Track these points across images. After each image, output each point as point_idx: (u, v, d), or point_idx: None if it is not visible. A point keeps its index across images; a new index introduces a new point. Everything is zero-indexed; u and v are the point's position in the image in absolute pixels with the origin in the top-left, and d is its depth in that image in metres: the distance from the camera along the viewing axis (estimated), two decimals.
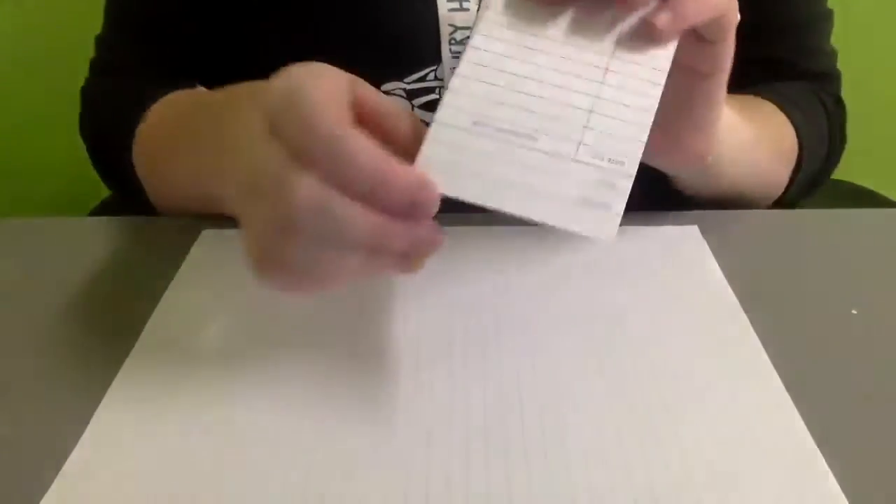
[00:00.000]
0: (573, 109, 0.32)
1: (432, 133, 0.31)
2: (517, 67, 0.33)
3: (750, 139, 0.51)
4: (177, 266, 0.45)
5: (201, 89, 0.54)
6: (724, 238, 0.49)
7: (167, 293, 0.43)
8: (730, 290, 0.43)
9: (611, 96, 0.33)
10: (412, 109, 0.54)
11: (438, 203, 0.30)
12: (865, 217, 0.54)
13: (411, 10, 0.51)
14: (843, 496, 0.31)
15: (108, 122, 0.56)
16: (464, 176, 0.30)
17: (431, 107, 0.54)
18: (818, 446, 0.33)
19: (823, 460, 0.32)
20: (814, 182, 0.61)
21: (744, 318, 0.41)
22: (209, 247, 0.47)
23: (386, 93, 0.53)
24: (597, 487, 0.31)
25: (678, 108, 0.40)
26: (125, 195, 0.56)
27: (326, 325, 0.40)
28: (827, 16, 0.63)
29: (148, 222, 0.51)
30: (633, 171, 0.31)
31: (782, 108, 0.57)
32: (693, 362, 0.38)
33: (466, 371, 0.37)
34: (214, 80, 0.55)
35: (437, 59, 0.52)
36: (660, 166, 0.46)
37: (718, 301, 0.42)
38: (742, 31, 0.56)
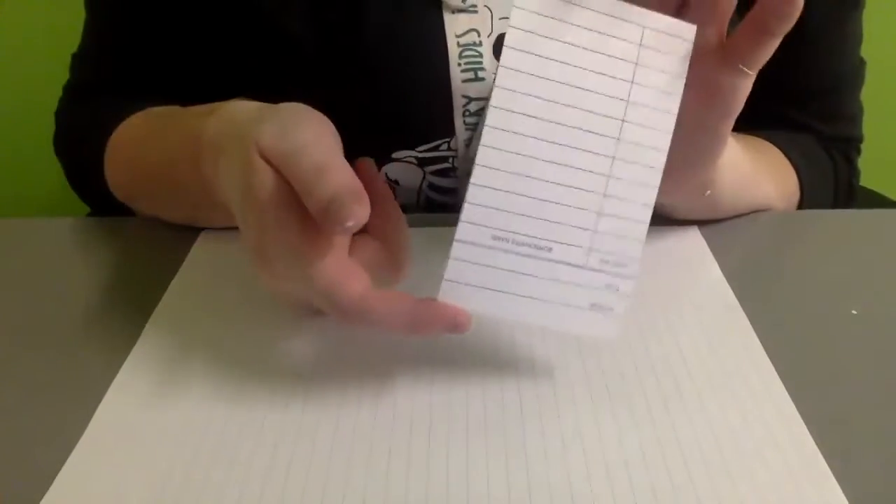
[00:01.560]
0: (583, 212, 0.33)
1: (455, 252, 0.32)
2: (527, 167, 0.33)
3: (751, 175, 0.50)
4: (177, 266, 0.45)
5: (152, 112, 0.53)
6: (724, 238, 0.49)
7: (167, 293, 0.43)
8: (730, 290, 0.43)
9: (616, 192, 0.33)
10: (423, 176, 0.53)
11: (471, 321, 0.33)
12: (865, 217, 0.54)
13: (424, 81, 0.50)
14: (842, 496, 0.31)
15: (78, 154, 0.56)
16: (486, 292, 0.32)
17: (444, 174, 0.53)
18: (818, 446, 0.33)
19: (823, 460, 0.32)
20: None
21: (744, 318, 0.41)
22: (209, 247, 0.47)
23: (397, 160, 0.52)
24: (596, 486, 0.31)
25: (686, 147, 0.39)
26: (105, 213, 0.56)
27: (327, 325, 0.40)
28: (857, 71, 0.60)
29: (148, 223, 0.51)
30: (636, 273, 0.33)
31: (783, 151, 0.56)
32: (693, 362, 0.38)
33: (466, 370, 0.37)
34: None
35: (450, 130, 0.51)
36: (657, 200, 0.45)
37: (718, 301, 0.42)
38: (767, 89, 0.55)
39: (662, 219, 0.50)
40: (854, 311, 0.42)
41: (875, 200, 0.80)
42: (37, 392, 0.36)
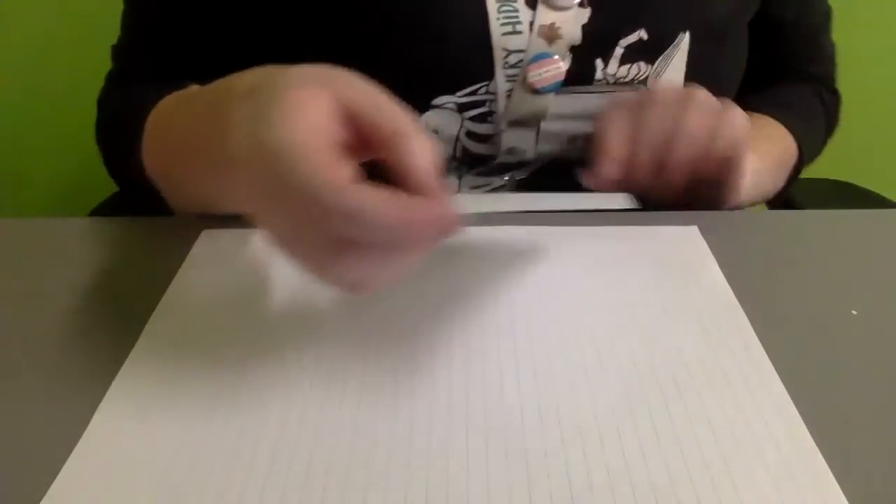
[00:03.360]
0: None
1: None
2: None
3: (764, 171, 0.57)
4: (177, 266, 0.45)
5: (191, 88, 0.52)
6: (724, 238, 0.49)
7: (167, 293, 0.43)
8: (730, 290, 0.43)
9: None
10: (461, 123, 0.54)
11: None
12: (865, 217, 0.54)
13: (465, 34, 0.51)
14: (842, 496, 0.31)
15: (117, 136, 0.56)
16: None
17: (482, 118, 0.54)
18: (818, 446, 0.33)
19: (823, 460, 0.32)
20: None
21: (744, 318, 0.41)
22: (209, 247, 0.47)
23: (436, 107, 0.53)
24: (596, 486, 0.31)
25: (709, 198, 0.51)
26: (143, 201, 0.55)
27: (326, 325, 0.40)
28: (829, 13, 0.69)
29: (148, 222, 0.51)
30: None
31: (787, 126, 0.62)
32: (693, 362, 0.38)
33: (466, 370, 0.37)
34: None
35: (489, 74, 0.52)
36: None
37: (718, 301, 0.42)
38: (758, 34, 0.60)
39: (662, 218, 0.50)
40: (854, 312, 0.42)
41: (875, 200, 0.80)
42: (36, 392, 0.36)
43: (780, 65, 0.67)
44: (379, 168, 0.34)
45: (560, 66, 0.52)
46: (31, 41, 1.13)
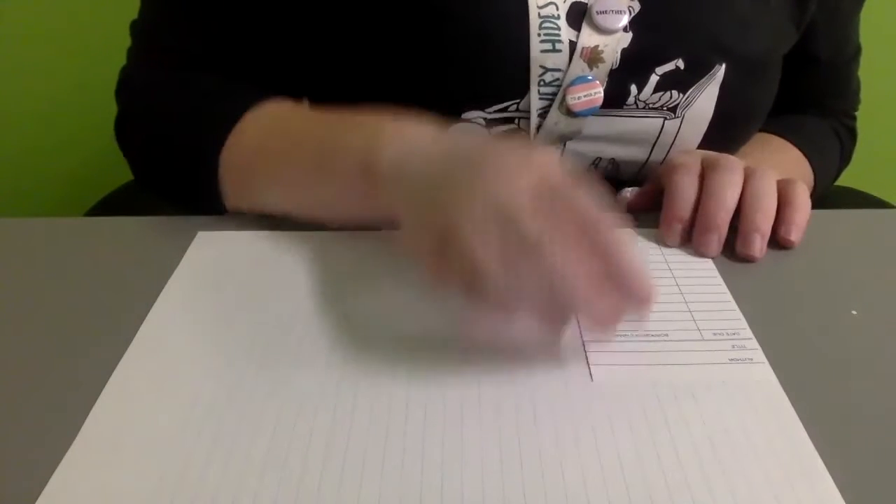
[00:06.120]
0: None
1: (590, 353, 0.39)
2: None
3: None
4: (173, 267, 0.45)
5: (304, 107, 0.52)
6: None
7: (163, 294, 0.43)
8: (727, 290, 0.43)
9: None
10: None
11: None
12: (865, 217, 0.54)
13: (505, 48, 0.51)
14: (840, 497, 0.30)
15: (182, 124, 0.53)
16: (631, 359, 0.38)
17: (507, 135, 0.54)
18: (817, 446, 0.33)
19: (821, 461, 0.32)
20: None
21: (741, 319, 0.41)
22: (205, 248, 0.47)
23: (465, 121, 0.53)
24: (591, 486, 0.31)
25: None
26: (161, 194, 0.54)
27: (321, 327, 0.40)
28: (860, 48, 0.69)
29: (144, 223, 0.51)
30: (751, 335, 0.40)
31: (807, 157, 0.64)
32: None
33: (462, 375, 0.37)
34: (285, 82, 0.55)
35: (521, 93, 0.52)
36: None
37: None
38: (789, 67, 0.61)
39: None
40: (854, 312, 0.42)
41: (873, 203, 0.80)
42: (33, 391, 0.36)
43: (804, 97, 0.67)
44: None
45: (599, 90, 0.51)
46: (31, 41, 1.13)
